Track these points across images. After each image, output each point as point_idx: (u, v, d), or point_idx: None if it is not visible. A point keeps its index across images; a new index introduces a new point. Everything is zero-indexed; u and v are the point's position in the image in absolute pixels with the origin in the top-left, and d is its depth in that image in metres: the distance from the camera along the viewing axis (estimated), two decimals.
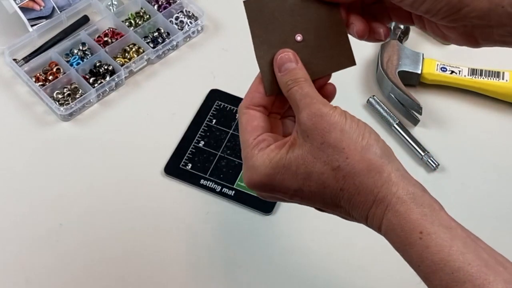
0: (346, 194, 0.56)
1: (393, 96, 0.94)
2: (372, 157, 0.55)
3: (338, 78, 0.65)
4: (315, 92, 0.58)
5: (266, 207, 0.86)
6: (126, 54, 1.00)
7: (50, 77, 0.96)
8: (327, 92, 0.63)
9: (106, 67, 0.97)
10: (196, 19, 1.04)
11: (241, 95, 0.95)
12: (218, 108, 0.95)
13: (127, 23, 1.03)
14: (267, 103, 0.62)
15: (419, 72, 0.96)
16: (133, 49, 1.00)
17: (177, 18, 1.04)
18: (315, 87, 0.60)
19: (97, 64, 0.98)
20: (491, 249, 0.53)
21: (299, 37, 0.62)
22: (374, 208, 0.55)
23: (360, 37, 0.63)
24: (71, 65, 0.97)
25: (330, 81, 0.63)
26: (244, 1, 0.62)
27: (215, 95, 0.96)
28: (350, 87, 0.97)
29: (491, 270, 0.50)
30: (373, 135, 0.56)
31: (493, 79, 0.95)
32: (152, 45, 1.00)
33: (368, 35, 0.64)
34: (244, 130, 0.60)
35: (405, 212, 0.53)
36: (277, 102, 0.62)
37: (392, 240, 0.54)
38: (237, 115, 0.94)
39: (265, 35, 0.62)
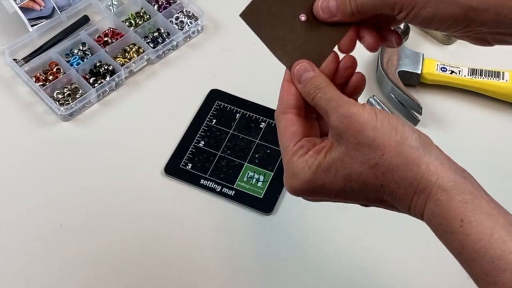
0: (387, 190, 0.56)
1: (393, 96, 0.94)
2: (408, 150, 0.55)
3: None
4: (339, 94, 0.58)
5: (266, 207, 0.86)
6: (126, 54, 1.00)
7: (50, 77, 0.96)
8: (355, 83, 0.63)
9: (106, 67, 0.97)
10: (196, 19, 1.04)
11: (241, 95, 0.96)
12: (218, 108, 0.95)
13: (127, 23, 1.03)
14: (301, 103, 0.62)
15: (419, 72, 0.96)
16: (133, 49, 1.00)
17: (177, 18, 1.04)
18: (341, 79, 0.61)
19: (97, 64, 0.98)
20: None
21: (303, 17, 0.62)
22: (415, 198, 0.55)
23: (371, 50, 0.64)
24: (71, 65, 0.97)
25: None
26: (240, 15, 0.63)
27: (215, 95, 0.96)
28: None
29: None
30: (407, 127, 0.56)
31: (493, 79, 0.95)
32: (152, 45, 1.00)
33: (381, 43, 0.64)
34: (283, 137, 0.61)
35: (445, 200, 0.53)
36: (309, 104, 0.63)
37: (434, 227, 0.54)
38: (237, 114, 0.94)
39: (273, 33, 0.62)
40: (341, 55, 0.63)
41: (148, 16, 1.04)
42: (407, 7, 0.59)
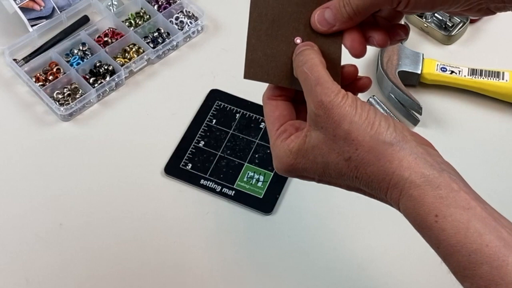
0: (362, 182, 0.56)
1: (393, 96, 0.94)
2: (381, 146, 0.55)
3: None
4: (326, 76, 0.57)
5: (266, 207, 0.86)
6: (126, 54, 1.00)
7: (50, 77, 0.96)
8: (359, 85, 0.63)
9: (106, 67, 0.97)
10: (196, 19, 1.04)
11: (241, 95, 0.96)
12: (218, 108, 0.95)
13: (127, 23, 1.03)
14: (288, 92, 0.62)
15: (419, 72, 0.96)
16: (133, 49, 1.00)
17: (177, 18, 1.04)
18: (346, 77, 0.61)
19: (97, 64, 0.98)
20: None
21: (298, 40, 0.62)
22: (389, 193, 0.55)
23: (382, 46, 0.63)
24: (71, 65, 0.97)
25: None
26: (244, 78, 0.61)
27: (215, 95, 0.96)
28: None
29: (510, 250, 0.50)
30: (383, 122, 0.56)
31: (493, 79, 0.95)
32: (152, 45, 1.00)
33: (390, 39, 0.64)
34: (268, 121, 0.62)
35: (418, 196, 0.53)
36: (300, 92, 0.62)
37: (411, 222, 0.54)
38: (237, 114, 0.94)
39: (277, 68, 0.61)
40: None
41: (148, 16, 1.04)
42: None
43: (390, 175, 0.54)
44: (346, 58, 0.62)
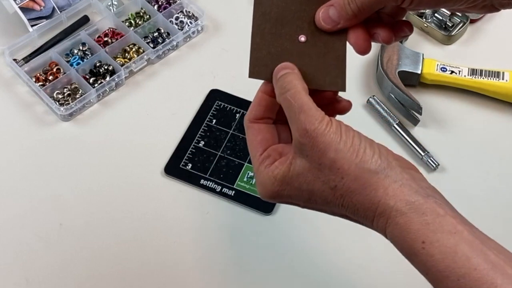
0: (349, 209, 0.56)
1: (393, 96, 0.94)
2: (366, 175, 0.54)
3: None
4: (309, 102, 0.57)
5: (266, 207, 0.86)
6: (126, 54, 1.00)
7: (50, 77, 0.96)
8: (339, 107, 0.63)
9: (106, 67, 0.97)
10: (196, 19, 1.04)
11: (241, 95, 0.96)
12: (218, 108, 0.95)
13: (127, 23, 1.03)
14: (271, 114, 0.62)
15: (419, 72, 0.96)
16: (133, 49, 1.00)
17: (177, 18, 1.04)
18: (325, 97, 0.60)
19: (97, 64, 0.98)
20: (503, 249, 0.52)
21: (302, 38, 0.62)
22: (375, 221, 0.55)
23: (388, 42, 0.63)
24: (71, 65, 0.97)
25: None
26: (249, 77, 0.61)
27: (215, 95, 0.96)
28: (350, 87, 0.96)
29: (498, 272, 0.50)
30: (368, 149, 0.55)
31: (493, 79, 0.95)
32: (152, 45, 1.00)
33: (394, 36, 0.64)
34: (250, 146, 0.61)
35: (405, 223, 0.53)
36: (282, 111, 0.62)
37: (399, 249, 0.54)
38: (237, 114, 0.94)
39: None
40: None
41: (148, 16, 1.04)
42: None
43: (376, 204, 0.54)
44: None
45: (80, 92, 0.96)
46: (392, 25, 0.63)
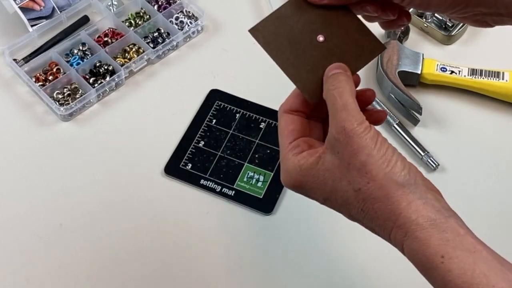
0: (367, 215, 0.56)
1: (393, 96, 0.94)
2: (392, 186, 0.55)
3: None
4: (354, 103, 0.57)
5: (266, 207, 0.86)
6: (126, 54, 1.00)
7: (50, 77, 0.96)
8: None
9: (106, 67, 0.97)
10: (196, 19, 1.04)
11: (241, 95, 0.96)
12: (218, 108, 0.95)
13: (127, 23, 1.03)
14: (306, 109, 0.62)
15: (419, 72, 0.96)
16: (133, 49, 1.00)
17: (177, 18, 1.04)
18: (363, 101, 0.61)
19: (97, 64, 0.98)
20: None
21: (321, 38, 0.62)
22: (394, 233, 0.55)
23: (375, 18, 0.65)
24: (71, 65, 0.97)
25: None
26: (249, 30, 0.62)
27: (215, 95, 0.96)
28: None
29: None
30: (400, 162, 0.56)
31: (493, 79, 0.95)
32: (152, 45, 1.00)
33: (394, 23, 0.65)
34: (281, 134, 0.62)
35: (424, 238, 0.53)
36: (317, 109, 0.62)
37: (415, 263, 0.54)
38: (237, 114, 0.94)
39: (286, 52, 0.62)
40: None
41: (148, 16, 1.04)
42: None
43: (397, 215, 0.54)
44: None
45: (80, 92, 0.96)
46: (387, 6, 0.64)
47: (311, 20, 0.62)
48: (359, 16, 0.65)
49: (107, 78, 0.96)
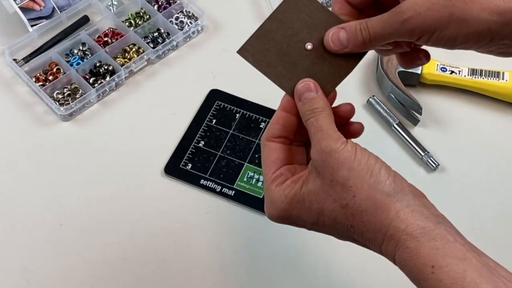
0: (357, 231, 0.56)
1: (393, 96, 0.94)
2: (379, 196, 0.55)
3: None
4: (329, 125, 0.58)
5: None
6: (126, 54, 1.00)
7: (50, 77, 0.96)
8: (351, 130, 0.63)
9: (106, 67, 0.97)
10: (196, 19, 1.04)
11: (241, 95, 0.96)
12: (218, 108, 0.95)
13: (127, 23, 1.03)
14: (288, 134, 0.62)
15: (419, 72, 0.96)
16: (133, 49, 1.00)
17: (177, 18, 1.04)
18: (342, 116, 0.61)
19: (97, 64, 0.98)
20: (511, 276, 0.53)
21: (309, 46, 0.62)
22: (385, 244, 0.55)
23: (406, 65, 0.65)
24: (71, 65, 0.97)
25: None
26: (238, 52, 0.63)
27: (215, 95, 0.96)
28: (350, 87, 0.97)
29: None
30: (383, 171, 0.56)
31: (493, 79, 0.95)
32: (152, 45, 1.00)
33: (412, 62, 0.65)
34: (264, 164, 0.61)
35: (415, 248, 0.53)
36: (299, 131, 0.62)
37: (407, 274, 0.54)
38: (237, 114, 0.94)
39: (275, 63, 0.62)
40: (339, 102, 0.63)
41: (148, 16, 1.04)
42: (428, 31, 0.57)
43: (387, 226, 0.54)
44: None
45: (80, 92, 0.96)
46: (408, 51, 0.64)
47: (296, 30, 0.62)
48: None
49: (107, 78, 0.96)
